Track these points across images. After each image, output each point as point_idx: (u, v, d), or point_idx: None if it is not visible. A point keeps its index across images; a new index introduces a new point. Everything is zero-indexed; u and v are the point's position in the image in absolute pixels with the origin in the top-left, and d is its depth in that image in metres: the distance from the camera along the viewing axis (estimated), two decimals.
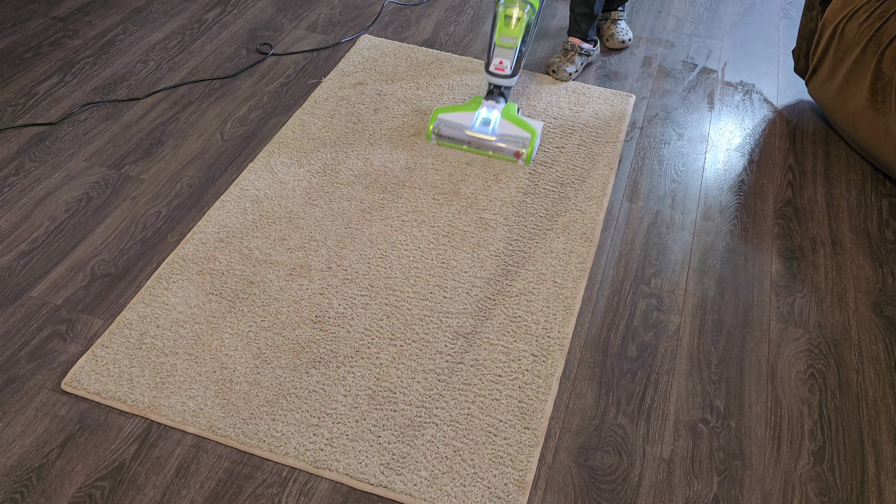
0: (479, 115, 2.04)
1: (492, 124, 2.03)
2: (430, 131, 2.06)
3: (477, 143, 2.05)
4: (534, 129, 2.04)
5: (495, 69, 2.02)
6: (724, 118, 2.35)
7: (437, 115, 2.07)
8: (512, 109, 2.07)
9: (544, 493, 1.38)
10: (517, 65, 2.03)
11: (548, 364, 1.58)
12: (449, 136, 2.06)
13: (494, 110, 2.04)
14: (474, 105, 2.08)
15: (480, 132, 2.03)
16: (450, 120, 2.06)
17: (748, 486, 1.42)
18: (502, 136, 2.03)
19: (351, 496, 1.36)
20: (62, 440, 1.40)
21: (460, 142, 2.05)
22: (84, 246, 1.79)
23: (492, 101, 2.05)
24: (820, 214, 2.01)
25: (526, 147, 2.02)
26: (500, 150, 2.03)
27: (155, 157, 2.05)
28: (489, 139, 2.03)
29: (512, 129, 2.04)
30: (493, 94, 2.07)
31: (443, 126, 2.06)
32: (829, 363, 1.64)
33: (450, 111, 2.07)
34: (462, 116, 2.06)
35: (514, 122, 2.05)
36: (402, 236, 1.85)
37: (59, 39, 2.47)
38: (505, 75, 2.03)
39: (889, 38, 2.00)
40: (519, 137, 2.03)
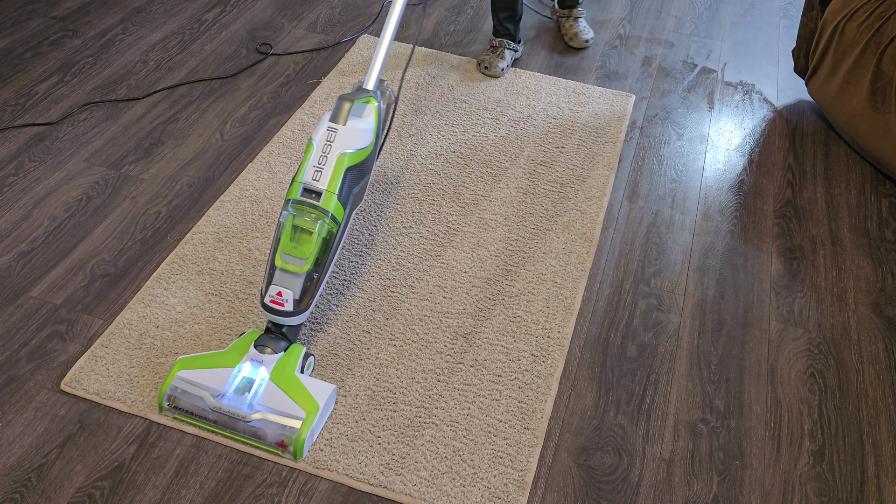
0: (237, 376, 1.41)
1: (252, 392, 1.39)
2: (161, 397, 1.41)
3: (225, 423, 1.39)
4: (315, 402, 1.39)
5: (272, 302, 1.44)
6: (724, 118, 2.35)
7: (177, 373, 1.42)
8: (290, 366, 1.42)
9: (544, 493, 1.38)
10: (305, 297, 1.46)
11: (547, 364, 1.58)
12: (188, 408, 1.40)
13: (262, 367, 1.42)
14: (236, 355, 1.44)
15: (232, 405, 1.38)
16: (193, 382, 1.40)
17: (748, 486, 1.42)
18: (265, 413, 1.38)
19: (351, 496, 1.36)
20: (62, 440, 1.40)
21: (203, 419, 1.40)
22: (84, 246, 1.79)
23: (262, 351, 1.43)
24: (820, 214, 2.01)
25: (293, 436, 1.36)
26: (258, 435, 1.37)
27: (155, 157, 2.05)
28: (243, 418, 1.37)
29: (280, 403, 1.38)
30: (269, 336, 1.46)
31: (181, 393, 1.41)
32: (828, 363, 1.64)
33: (197, 365, 1.42)
34: (212, 376, 1.41)
35: (288, 389, 1.40)
36: (401, 236, 1.85)
37: (59, 39, 2.47)
38: (285, 311, 1.44)
39: (889, 38, 2.00)
40: (287, 417, 1.37)
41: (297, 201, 1.47)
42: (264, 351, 1.43)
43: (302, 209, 1.46)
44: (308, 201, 1.46)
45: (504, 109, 2.28)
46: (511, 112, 2.27)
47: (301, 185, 1.47)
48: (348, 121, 1.51)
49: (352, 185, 1.53)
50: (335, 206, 1.48)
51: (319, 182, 1.46)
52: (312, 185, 1.46)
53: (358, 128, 1.52)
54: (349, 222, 1.56)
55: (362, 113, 1.56)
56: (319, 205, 1.46)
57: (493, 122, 2.23)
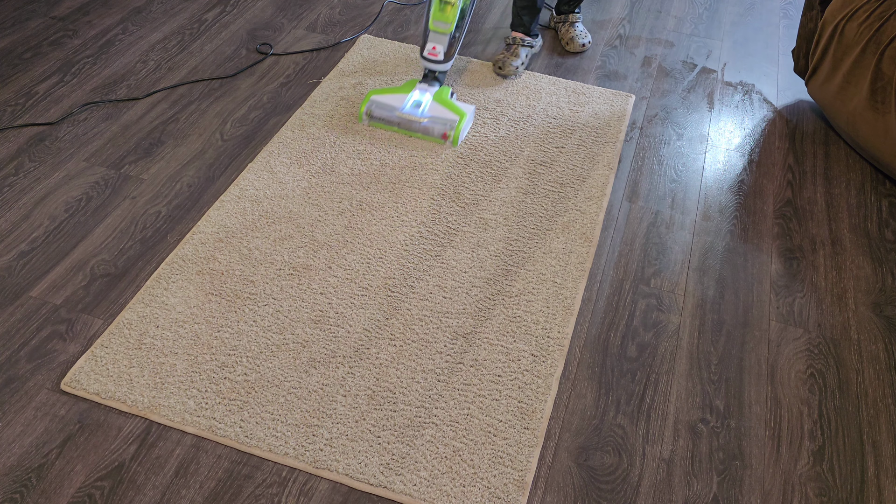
0: (411, 98, 2.08)
1: (422, 106, 2.07)
2: (361, 112, 2.11)
3: (406, 125, 2.09)
4: (463, 111, 2.09)
5: (429, 54, 2.08)
6: (724, 118, 2.35)
7: (371, 97, 2.11)
8: (445, 93, 2.12)
9: (544, 492, 1.38)
10: (450, 50, 2.09)
11: (547, 364, 1.58)
12: (380, 116, 2.10)
13: (427, 93, 2.09)
14: (408, 88, 2.13)
15: (410, 114, 2.07)
16: (382, 101, 2.10)
17: (748, 485, 1.42)
18: (432, 118, 2.07)
19: (350, 496, 1.36)
20: (62, 440, 1.40)
21: (391, 123, 2.10)
22: (84, 246, 1.79)
23: (425, 85, 2.12)
24: (820, 214, 2.01)
25: (453, 129, 2.06)
26: (428, 131, 2.08)
27: (154, 156, 2.05)
28: (418, 120, 2.07)
29: (442, 112, 2.08)
30: (427, 78, 2.13)
31: (375, 107, 2.10)
32: (828, 363, 1.64)
33: (383, 93, 2.11)
34: (394, 98, 2.10)
35: (445, 105, 2.09)
36: (401, 236, 1.85)
37: (59, 39, 2.47)
38: (438, 60, 2.09)
39: (889, 38, 2.00)
40: (447, 120, 2.07)
41: None
42: (428, 85, 2.12)
43: None
44: None
45: (504, 109, 2.28)
46: (511, 112, 2.27)
47: None
48: None
49: None
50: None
51: None
52: None
53: None
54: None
55: None
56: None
57: (493, 122, 2.23)
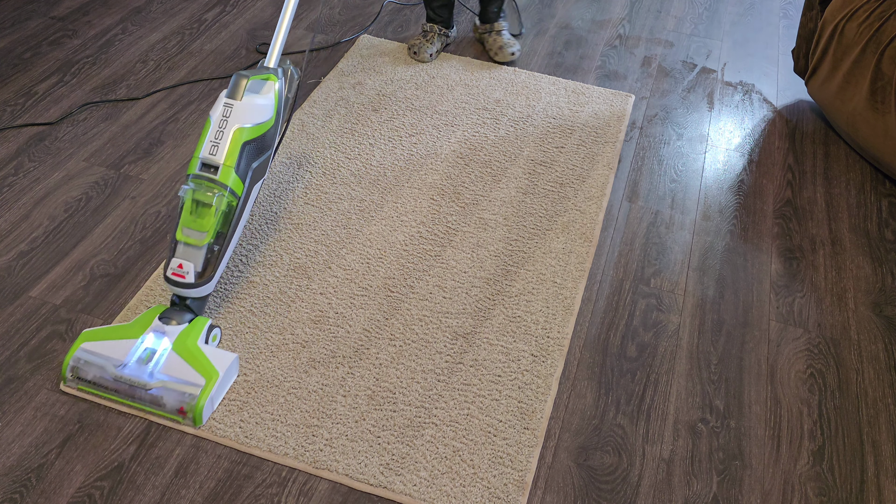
0: (140, 346, 1.45)
1: (153, 362, 1.44)
2: (65, 369, 1.45)
3: (126, 391, 1.43)
4: (215, 370, 1.43)
5: (173, 274, 1.49)
6: (724, 118, 2.35)
7: (81, 344, 1.47)
8: (193, 337, 1.47)
9: (544, 492, 1.38)
10: (208, 269, 1.51)
11: (547, 364, 1.58)
12: (91, 378, 1.44)
13: (164, 338, 1.46)
14: (140, 328, 1.48)
15: (133, 374, 1.42)
16: (97, 353, 1.45)
17: (748, 485, 1.42)
18: (165, 382, 1.42)
19: (350, 496, 1.36)
20: (61, 440, 1.40)
21: (104, 388, 1.44)
22: (83, 246, 1.79)
23: (165, 323, 1.47)
24: (819, 214, 2.01)
25: (194, 401, 1.41)
26: (158, 402, 1.42)
27: (154, 156, 2.05)
28: (143, 385, 1.42)
29: (182, 372, 1.43)
30: (174, 308, 1.51)
31: (84, 363, 1.45)
32: (828, 363, 1.64)
33: (102, 337, 1.48)
34: (115, 347, 1.46)
35: (189, 358, 1.44)
36: (401, 236, 1.85)
37: (59, 39, 2.47)
38: (186, 283, 1.49)
39: (888, 38, 2.00)
40: (186, 385, 1.42)
41: (195, 176, 1.51)
42: (169, 322, 1.48)
43: (201, 183, 1.50)
44: (206, 175, 1.50)
45: (503, 109, 2.28)
46: (511, 112, 2.27)
47: (199, 160, 1.52)
48: (245, 96, 1.54)
49: (250, 159, 1.57)
50: (233, 179, 1.52)
51: (216, 156, 1.51)
52: (210, 159, 1.51)
53: (256, 103, 1.56)
54: (253, 196, 1.61)
55: (261, 90, 1.60)
56: (217, 178, 1.50)
57: (493, 122, 2.23)
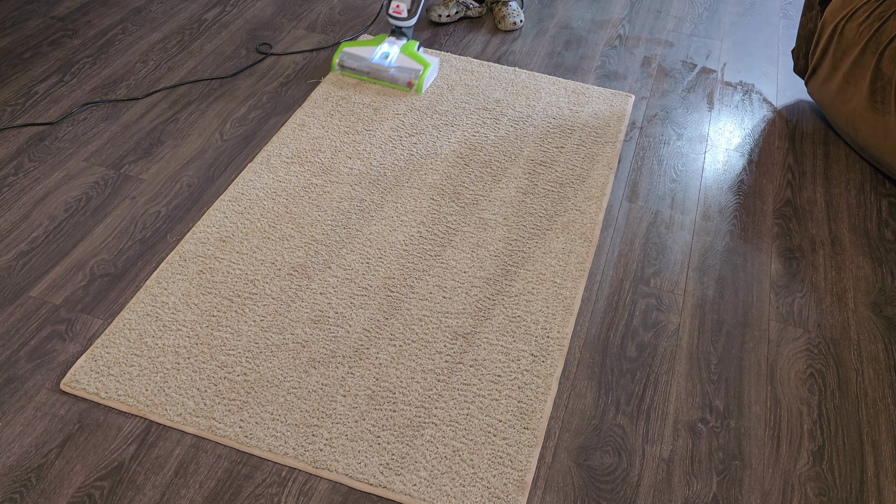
0: (380, 50, 2.30)
1: (390, 57, 2.28)
2: (335, 62, 2.33)
3: (375, 73, 2.30)
4: (427, 62, 2.30)
5: (393, 12, 2.29)
6: (724, 118, 2.35)
7: (343, 49, 2.34)
8: (411, 47, 2.32)
9: (544, 492, 1.38)
10: (414, 7, 2.29)
11: (547, 364, 1.58)
12: (351, 66, 2.31)
13: (395, 46, 2.31)
14: (377, 41, 2.34)
15: (379, 63, 2.29)
16: (353, 53, 2.32)
17: (747, 485, 1.42)
18: (399, 67, 2.28)
19: (350, 496, 1.36)
20: (61, 440, 1.40)
21: (361, 72, 2.31)
22: (83, 246, 1.79)
23: (393, 38, 2.33)
24: (819, 214, 2.01)
25: (418, 77, 2.27)
26: (395, 79, 2.29)
27: (154, 156, 2.05)
28: (385, 69, 2.28)
29: (408, 63, 2.29)
30: (394, 33, 2.35)
31: (346, 58, 2.32)
32: (828, 363, 1.64)
33: (355, 45, 2.33)
34: (364, 50, 2.32)
35: (412, 56, 2.30)
36: (401, 236, 1.85)
37: (59, 39, 2.47)
38: (402, 17, 2.29)
39: (888, 38, 2.00)
40: (413, 69, 2.28)
41: None
42: (396, 38, 2.34)
43: None
44: None
45: (504, 109, 2.28)
46: (511, 112, 2.27)
47: None
48: None
49: None
50: None
51: None
52: None
53: None
54: None
55: None
56: None
57: (493, 122, 2.23)
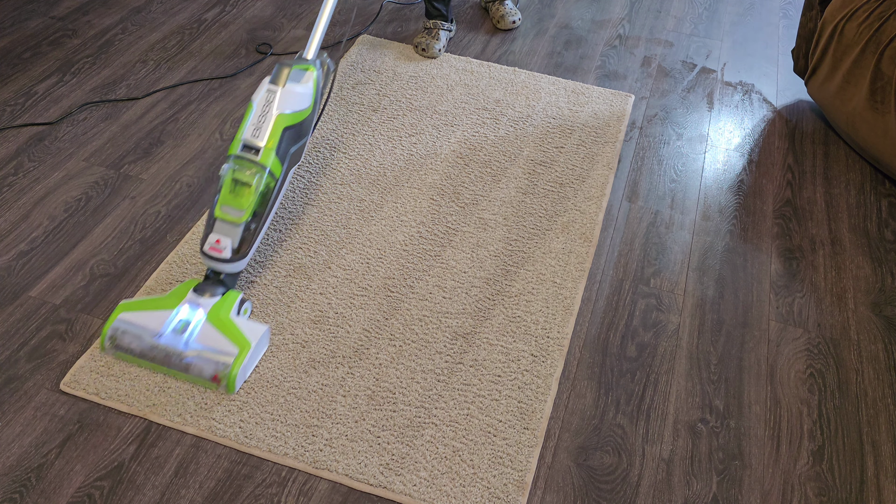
0: (175, 317, 1.52)
1: (188, 330, 1.50)
2: (103, 338, 1.52)
3: (163, 359, 1.50)
4: (247, 341, 1.51)
5: (210, 249, 1.56)
6: (724, 118, 2.35)
7: (119, 314, 1.54)
8: (226, 309, 1.54)
9: (543, 492, 1.38)
10: (244, 246, 1.58)
11: (547, 364, 1.58)
12: (127, 346, 1.51)
13: (199, 310, 1.52)
14: (175, 299, 1.55)
15: (169, 343, 1.50)
16: (134, 323, 1.52)
17: (747, 485, 1.42)
18: (200, 351, 1.49)
19: (350, 496, 1.36)
20: (61, 440, 1.40)
21: (143, 356, 1.51)
22: (83, 246, 1.79)
23: (199, 296, 1.54)
24: (819, 214, 2.01)
25: (227, 369, 1.48)
26: (192, 369, 1.49)
27: (154, 156, 2.05)
28: (178, 354, 1.49)
29: (216, 341, 1.50)
30: (208, 282, 1.57)
31: (121, 333, 1.52)
32: (828, 363, 1.64)
33: (139, 308, 1.55)
34: (152, 317, 1.53)
35: (223, 329, 1.51)
36: (401, 236, 1.85)
37: (58, 39, 2.47)
38: (223, 258, 1.56)
39: (888, 38, 2.00)
40: (218, 357, 1.49)
41: (237, 156, 1.58)
42: (203, 295, 1.54)
43: (242, 164, 1.58)
44: (247, 157, 1.58)
45: (503, 109, 2.28)
46: (510, 112, 2.27)
47: (241, 142, 1.60)
48: (287, 84, 1.64)
49: (289, 144, 1.65)
50: (273, 161, 1.60)
51: (258, 139, 1.59)
52: (252, 141, 1.59)
53: (296, 91, 1.65)
54: (287, 179, 1.70)
55: (301, 79, 1.68)
56: (258, 160, 1.58)
57: (493, 122, 2.23)
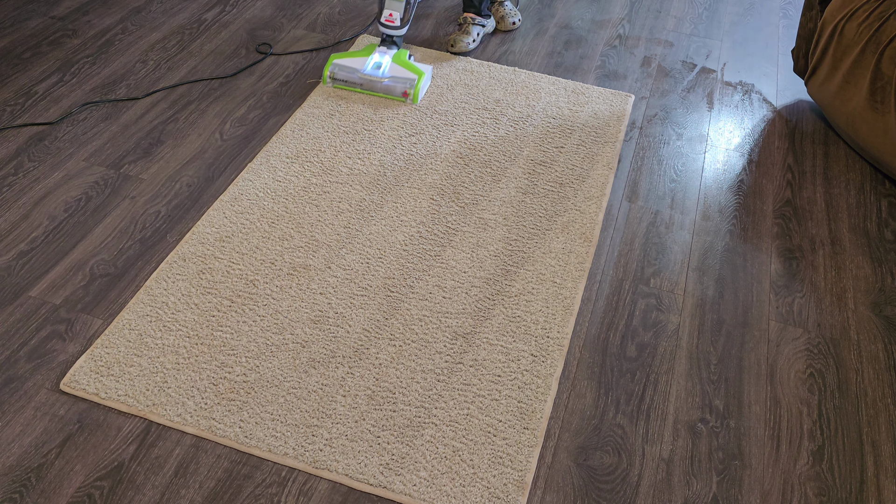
0: (372, 60, 2.25)
1: (382, 67, 2.23)
2: (325, 75, 2.27)
3: (369, 85, 2.25)
4: (421, 71, 2.25)
5: (386, 21, 2.24)
6: (724, 118, 2.35)
7: (333, 60, 2.28)
8: (403, 56, 2.28)
9: (543, 492, 1.38)
10: (406, 16, 2.25)
11: (547, 364, 1.58)
12: (343, 78, 2.26)
13: (386, 55, 2.26)
14: (368, 51, 2.29)
15: (372, 74, 2.24)
16: (344, 64, 2.27)
17: (747, 485, 1.42)
18: (392, 77, 2.23)
19: (350, 496, 1.36)
20: (61, 440, 1.40)
21: (354, 84, 2.26)
22: (83, 246, 1.79)
23: (384, 48, 2.29)
24: (819, 214, 2.01)
25: (413, 87, 2.23)
26: (390, 90, 2.24)
27: (154, 156, 2.05)
28: (379, 80, 2.23)
29: (402, 72, 2.25)
30: (385, 42, 2.29)
31: (338, 70, 2.26)
32: (828, 363, 1.64)
33: (345, 57, 2.28)
34: (356, 61, 2.27)
35: (404, 66, 2.25)
36: (401, 236, 1.85)
37: (59, 39, 2.47)
38: (394, 26, 2.25)
39: (888, 38, 2.00)
40: (407, 79, 2.24)
41: None
42: (388, 47, 2.29)
43: None
44: None
45: (503, 109, 2.28)
46: (510, 112, 2.27)
47: None
48: None
49: None
50: None
51: None
52: None
53: None
54: None
55: None
56: None
57: (493, 121, 2.23)
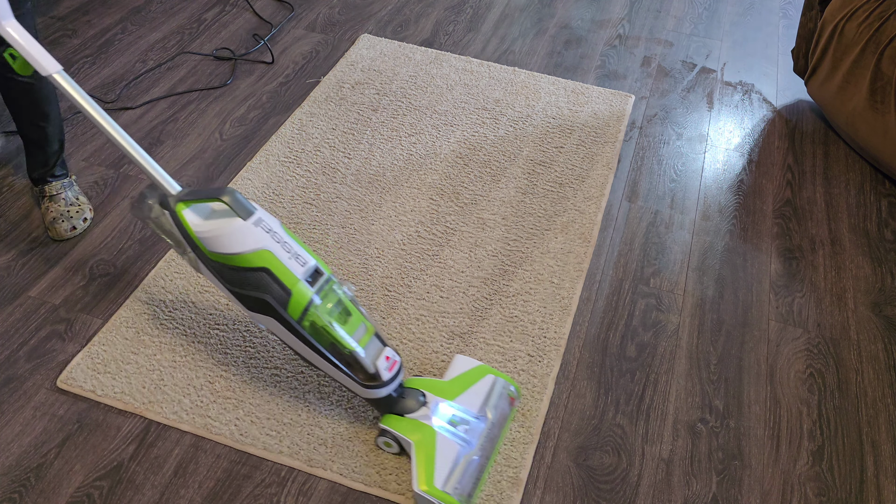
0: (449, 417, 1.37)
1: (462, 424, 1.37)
2: None
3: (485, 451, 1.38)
4: (483, 369, 1.48)
5: (388, 370, 1.34)
6: (724, 118, 2.35)
7: None
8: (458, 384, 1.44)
9: (543, 492, 1.38)
10: None
11: (544, 364, 1.58)
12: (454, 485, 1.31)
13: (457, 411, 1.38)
14: None
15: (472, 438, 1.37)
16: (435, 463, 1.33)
17: (747, 485, 1.42)
18: (494, 407, 1.43)
19: (349, 496, 1.36)
20: (60, 440, 1.40)
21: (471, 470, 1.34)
22: (83, 246, 1.79)
23: None
24: (819, 214, 2.01)
25: (507, 386, 1.47)
26: (503, 421, 1.43)
27: (154, 156, 2.05)
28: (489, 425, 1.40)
29: (470, 403, 1.41)
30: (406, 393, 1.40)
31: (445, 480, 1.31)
32: (828, 363, 1.64)
33: None
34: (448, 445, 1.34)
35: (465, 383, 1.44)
36: (399, 236, 1.85)
37: (58, 39, 2.47)
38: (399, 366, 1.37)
39: (888, 38, 2.00)
40: (487, 398, 1.43)
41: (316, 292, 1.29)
42: None
43: (325, 293, 1.31)
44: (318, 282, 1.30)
45: (503, 109, 2.28)
46: (510, 112, 2.27)
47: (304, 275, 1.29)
48: None
49: None
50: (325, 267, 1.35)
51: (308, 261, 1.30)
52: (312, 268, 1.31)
53: None
54: None
55: None
56: (328, 275, 1.33)
57: (492, 121, 2.22)
